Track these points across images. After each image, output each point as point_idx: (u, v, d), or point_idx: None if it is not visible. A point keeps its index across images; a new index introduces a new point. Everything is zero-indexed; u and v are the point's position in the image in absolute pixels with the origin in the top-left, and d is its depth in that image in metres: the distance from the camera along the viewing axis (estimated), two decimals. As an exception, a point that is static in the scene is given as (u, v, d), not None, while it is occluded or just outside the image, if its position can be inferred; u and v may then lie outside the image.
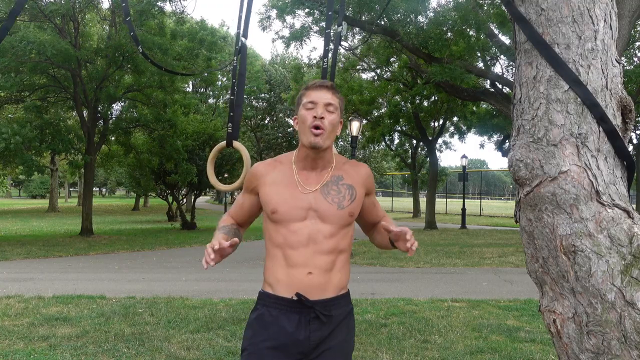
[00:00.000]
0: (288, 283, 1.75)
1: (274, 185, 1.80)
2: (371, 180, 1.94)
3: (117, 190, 66.59)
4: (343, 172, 1.85)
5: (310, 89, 1.80)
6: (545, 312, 1.66)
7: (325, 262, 1.76)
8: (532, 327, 5.21)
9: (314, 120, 1.73)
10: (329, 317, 1.77)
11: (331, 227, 1.77)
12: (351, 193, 1.82)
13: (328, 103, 1.76)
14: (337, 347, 1.79)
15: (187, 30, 18.84)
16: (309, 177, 1.81)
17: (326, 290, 1.78)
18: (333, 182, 1.82)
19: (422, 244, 14.28)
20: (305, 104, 1.77)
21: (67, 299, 6.31)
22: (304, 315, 1.75)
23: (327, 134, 1.75)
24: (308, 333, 1.74)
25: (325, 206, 1.77)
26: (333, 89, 1.80)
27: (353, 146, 12.32)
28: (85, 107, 16.07)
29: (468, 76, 13.19)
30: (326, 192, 1.79)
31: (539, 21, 1.66)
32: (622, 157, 1.62)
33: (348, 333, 1.86)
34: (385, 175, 43.55)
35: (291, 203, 1.76)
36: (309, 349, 1.75)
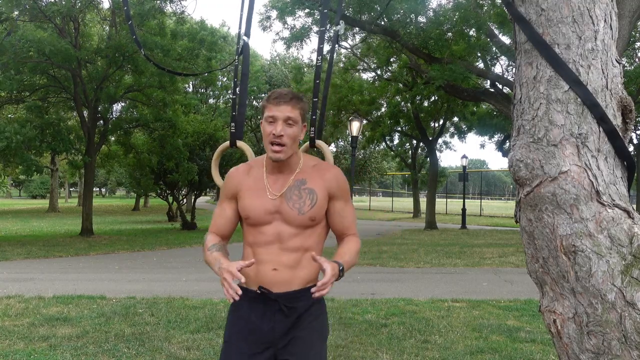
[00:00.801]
0: (255, 278, 1.87)
1: (248, 191, 1.91)
2: (338, 185, 1.93)
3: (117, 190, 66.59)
4: (307, 175, 1.91)
5: (272, 102, 1.86)
6: (545, 312, 1.66)
7: (290, 260, 1.85)
8: (533, 327, 5.21)
9: (273, 137, 1.83)
10: (292, 309, 1.85)
11: (295, 229, 1.86)
12: (312, 198, 1.88)
13: (287, 117, 1.83)
14: (304, 336, 1.86)
15: (187, 30, 18.84)
16: (276, 181, 1.91)
17: (291, 284, 1.86)
18: (296, 186, 1.89)
19: (422, 244, 14.28)
20: (267, 118, 1.86)
21: (68, 299, 6.31)
22: (269, 307, 1.86)
23: (288, 147, 1.85)
24: (272, 324, 1.85)
25: (288, 211, 1.86)
26: (293, 101, 1.85)
27: (353, 146, 12.33)
28: (85, 107, 16.07)
29: (469, 76, 13.19)
30: (288, 197, 1.87)
31: (539, 21, 1.66)
32: (622, 157, 1.62)
33: (316, 320, 1.90)
34: (385, 176, 43.55)
35: (261, 209, 1.87)
36: (274, 339, 1.85)
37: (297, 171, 1.91)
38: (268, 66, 36.09)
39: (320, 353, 1.90)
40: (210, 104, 32.27)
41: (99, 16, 17.79)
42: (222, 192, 2.01)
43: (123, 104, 18.76)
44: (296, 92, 1.93)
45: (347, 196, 1.97)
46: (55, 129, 14.55)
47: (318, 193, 1.88)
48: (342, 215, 1.95)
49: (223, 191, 1.99)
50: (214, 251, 1.88)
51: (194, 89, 31.19)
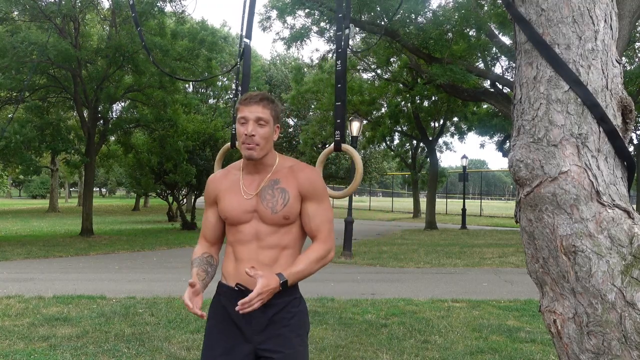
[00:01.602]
0: (234, 275, 1.94)
1: (226, 193, 1.98)
2: (310, 185, 1.94)
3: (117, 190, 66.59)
4: (281, 175, 1.95)
5: (242, 103, 1.92)
6: (545, 313, 1.66)
7: (268, 257, 1.91)
8: (533, 327, 5.21)
9: (245, 137, 1.88)
10: (268, 306, 1.85)
11: (271, 227, 1.92)
12: (284, 197, 1.92)
13: (258, 118, 1.88)
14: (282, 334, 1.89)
15: (187, 30, 18.84)
16: (252, 182, 1.97)
17: None
18: (269, 186, 1.94)
19: (422, 244, 14.28)
20: (239, 119, 1.91)
21: (67, 299, 6.31)
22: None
23: (261, 147, 1.90)
24: (250, 319, 1.88)
25: (262, 210, 1.91)
26: (264, 101, 1.90)
27: (353, 146, 12.32)
28: (85, 107, 16.07)
29: (470, 76, 13.18)
30: (263, 197, 1.93)
31: (539, 21, 1.66)
32: (622, 157, 1.62)
33: (292, 318, 1.91)
34: (385, 176, 43.54)
35: (238, 209, 1.94)
36: (251, 335, 1.89)
37: (272, 171, 1.96)
38: (268, 66, 36.09)
39: (300, 351, 1.91)
40: (210, 104, 32.26)
41: (99, 16, 17.79)
42: (205, 200, 2.09)
43: (123, 104, 18.75)
44: (268, 94, 1.96)
45: (320, 198, 1.96)
46: (54, 129, 14.54)
47: (290, 192, 1.92)
48: (312, 216, 1.94)
49: (205, 198, 2.08)
50: (194, 267, 1.97)
51: (194, 89, 31.19)
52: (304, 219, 1.95)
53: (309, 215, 1.95)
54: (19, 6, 13.72)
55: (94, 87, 15.25)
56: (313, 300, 6.35)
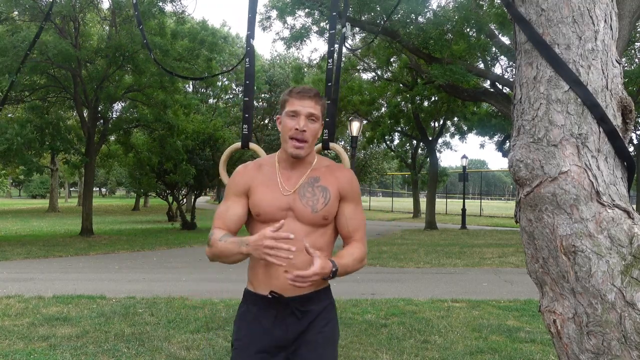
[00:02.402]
0: (266, 281, 1.81)
1: (260, 187, 1.85)
2: (350, 187, 1.89)
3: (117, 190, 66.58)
4: (321, 174, 1.87)
5: (295, 97, 1.81)
6: (545, 313, 1.66)
7: (301, 261, 1.76)
8: (532, 327, 5.21)
9: (296, 132, 1.78)
10: (305, 312, 1.80)
11: (307, 227, 1.81)
12: (325, 196, 1.83)
13: (310, 113, 1.80)
14: (316, 340, 1.82)
15: (187, 30, 18.83)
16: (290, 177, 1.86)
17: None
18: (309, 183, 1.85)
19: (422, 244, 14.28)
20: (289, 112, 1.81)
21: (67, 299, 6.31)
22: (280, 311, 1.81)
23: (309, 144, 1.82)
24: (285, 328, 1.80)
25: (301, 208, 1.81)
26: (316, 97, 1.82)
27: (353, 146, 12.33)
28: (85, 107, 16.07)
29: (470, 76, 13.19)
30: (302, 194, 1.82)
31: (539, 21, 1.66)
32: (622, 157, 1.62)
33: (327, 325, 1.85)
34: (385, 176, 43.55)
35: (273, 205, 1.81)
36: (287, 343, 1.80)
37: (311, 169, 1.88)
38: (268, 66, 36.08)
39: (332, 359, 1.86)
40: (210, 104, 32.26)
41: (99, 16, 17.78)
42: (229, 189, 1.91)
43: (123, 104, 18.75)
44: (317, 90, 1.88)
45: (357, 200, 1.93)
46: (54, 129, 14.54)
47: (331, 191, 1.84)
48: (350, 217, 1.89)
49: (231, 188, 1.90)
50: (227, 239, 1.75)
51: (194, 89, 31.19)
52: (341, 220, 1.88)
53: (347, 217, 1.88)
54: (19, 7, 13.72)
55: (94, 87, 15.25)
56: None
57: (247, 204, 1.87)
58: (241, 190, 1.87)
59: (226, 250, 1.74)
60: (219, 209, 1.91)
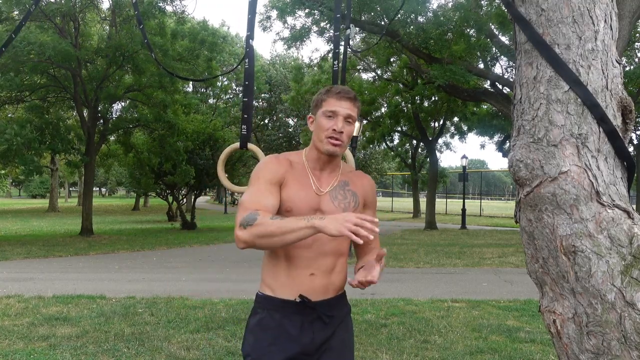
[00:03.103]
0: (290, 285, 1.74)
1: (295, 182, 1.77)
2: (372, 194, 1.91)
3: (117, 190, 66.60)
4: (349, 178, 1.87)
5: (334, 97, 1.77)
6: (545, 313, 1.66)
7: (327, 264, 1.76)
8: (532, 327, 5.21)
9: (333, 132, 1.74)
10: (331, 317, 1.78)
11: None
12: (355, 200, 1.83)
13: (348, 115, 1.76)
14: (338, 347, 1.79)
15: (187, 30, 18.83)
16: (320, 178, 1.82)
17: (327, 291, 1.78)
18: (340, 186, 1.83)
19: (422, 244, 14.28)
20: (326, 112, 1.76)
21: (67, 299, 6.31)
22: (307, 317, 1.75)
23: (344, 145, 1.79)
24: (312, 334, 1.74)
25: (332, 209, 1.76)
26: (354, 100, 1.79)
27: (353, 146, 12.30)
28: (85, 107, 16.07)
29: (470, 76, 13.19)
30: (334, 196, 1.80)
31: (539, 22, 1.66)
32: (622, 157, 1.62)
33: (347, 332, 1.86)
34: (385, 176, 43.54)
35: (306, 203, 1.75)
36: (312, 350, 1.75)
37: (340, 172, 1.86)
38: (268, 66, 36.10)
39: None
40: (210, 103, 32.27)
41: (99, 16, 17.79)
42: (262, 175, 1.74)
43: (123, 104, 18.76)
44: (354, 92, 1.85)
45: (375, 208, 1.94)
46: (54, 129, 14.54)
47: (360, 198, 1.84)
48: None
49: (265, 174, 1.74)
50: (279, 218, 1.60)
51: (194, 89, 31.21)
52: None
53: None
54: (19, 6, 13.72)
55: (94, 86, 15.25)
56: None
57: (279, 194, 1.74)
58: (277, 179, 1.74)
59: (285, 227, 1.55)
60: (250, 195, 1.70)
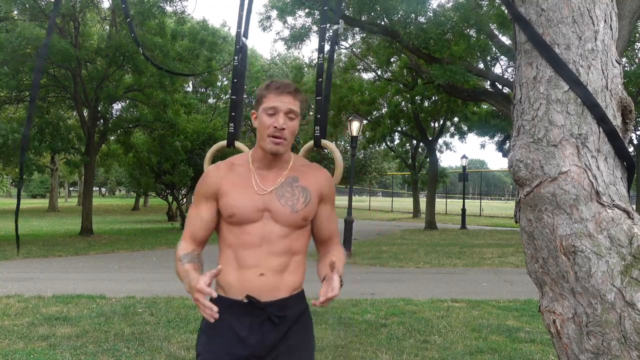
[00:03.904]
0: (239, 285, 1.71)
1: (233, 187, 1.75)
2: (329, 187, 1.85)
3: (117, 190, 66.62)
4: (299, 173, 1.80)
5: (273, 92, 1.72)
6: (545, 313, 1.66)
7: (278, 263, 1.72)
8: (532, 327, 5.21)
9: (274, 130, 1.70)
10: (282, 318, 1.73)
11: (285, 229, 1.73)
12: (305, 196, 1.76)
13: (289, 110, 1.71)
14: (294, 347, 1.75)
15: (187, 30, 18.84)
16: (266, 177, 1.77)
17: (279, 291, 1.73)
18: (288, 183, 1.77)
19: (422, 244, 14.28)
20: (266, 109, 1.72)
21: (67, 299, 6.31)
22: (256, 318, 1.71)
23: (288, 142, 1.74)
24: (261, 336, 1.70)
25: (279, 208, 1.73)
26: (295, 93, 1.74)
27: (353, 146, 12.32)
28: (85, 107, 16.08)
29: (470, 76, 13.18)
30: (280, 194, 1.75)
31: (539, 22, 1.66)
32: (622, 157, 1.62)
33: (305, 332, 1.80)
34: (385, 176, 43.55)
35: (248, 205, 1.72)
36: (263, 352, 1.71)
37: (288, 168, 1.80)
38: (268, 66, 36.07)
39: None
40: (210, 103, 32.25)
41: (99, 16, 17.79)
42: (198, 192, 1.81)
43: (123, 104, 18.76)
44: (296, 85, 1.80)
45: (333, 201, 1.89)
46: (54, 128, 14.55)
47: (311, 192, 1.78)
48: (330, 219, 1.85)
49: (200, 191, 1.80)
50: (185, 263, 1.70)
51: (193, 89, 31.19)
52: (321, 222, 1.84)
53: (328, 218, 1.85)
54: (19, 5, 13.72)
55: (94, 86, 15.25)
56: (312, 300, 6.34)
57: (216, 208, 1.78)
58: (210, 194, 1.77)
59: (180, 277, 1.71)
60: (189, 214, 1.84)
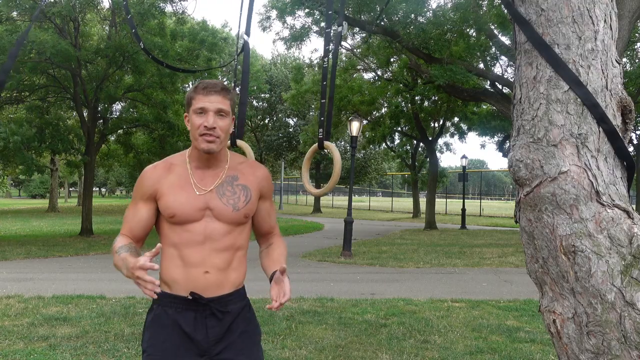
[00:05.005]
0: (185, 282, 1.75)
1: (171, 188, 1.78)
2: (268, 184, 1.91)
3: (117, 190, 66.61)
4: (238, 172, 1.85)
5: (200, 93, 1.74)
6: (545, 313, 1.66)
7: (222, 260, 1.76)
8: (532, 327, 5.21)
9: (205, 129, 1.72)
10: (225, 313, 1.77)
11: (227, 226, 1.78)
12: (246, 194, 1.82)
13: (218, 109, 1.73)
14: (238, 341, 1.79)
15: (187, 30, 18.83)
16: (204, 177, 1.80)
17: (222, 287, 1.78)
18: (228, 182, 1.81)
19: (422, 244, 14.28)
20: (196, 110, 1.74)
21: (67, 299, 6.31)
22: (200, 313, 1.75)
23: (221, 140, 1.76)
24: (205, 330, 1.75)
25: (221, 207, 1.77)
26: (223, 92, 1.76)
27: (353, 146, 12.32)
28: (85, 107, 16.08)
29: (470, 76, 13.18)
30: (221, 193, 1.79)
31: (539, 22, 1.66)
32: (622, 157, 1.62)
33: (248, 325, 1.85)
34: (385, 176, 43.57)
35: (188, 205, 1.75)
36: (208, 346, 1.75)
37: (226, 167, 1.84)
38: (269, 66, 36.10)
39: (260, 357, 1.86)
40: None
41: (99, 16, 17.79)
42: (136, 192, 1.83)
43: (123, 104, 18.76)
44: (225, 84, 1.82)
45: (271, 196, 1.96)
46: (54, 129, 14.55)
47: (252, 191, 1.83)
48: (270, 214, 1.94)
49: (137, 191, 1.82)
50: (122, 253, 1.71)
51: (193, 89, 31.17)
52: (262, 217, 1.91)
53: (268, 213, 1.92)
54: (19, 8, 13.72)
55: (93, 87, 15.25)
56: (312, 300, 6.35)
57: (154, 208, 1.81)
58: (148, 194, 1.80)
59: (116, 265, 1.72)
60: (126, 213, 1.85)
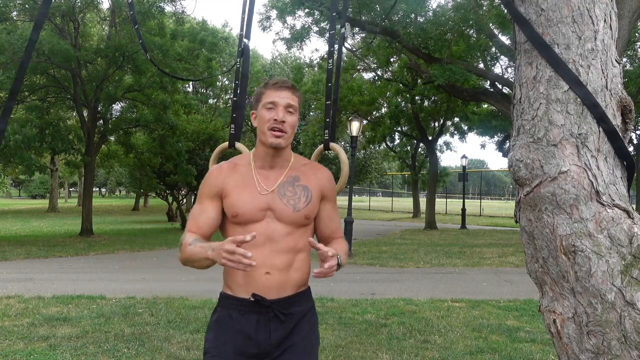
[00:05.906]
0: (246, 284, 1.75)
1: (235, 187, 1.79)
2: (330, 185, 1.88)
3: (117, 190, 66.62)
4: (300, 173, 1.84)
5: (271, 88, 1.78)
6: (545, 312, 1.66)
7: (283, 261, 1.75)
8: (532, 327, 5.21)
9: (274, 122, 1.74)
10: (289, 315, 1.77)
11: (288, 227, 1.76)
12: (307, 195, 1.80)
13: (288, 104, 1.76)
14: (299, 344, 1.78)
15: (187, 30, 18.83)
16: (268, 176, 1.81)
17: (285, 288, 1.77)
18: (289, 182, 1.81)
19: (422, 244, 14.28)
20: (266, 104, 1.76)
21: (67, 299, 6.31)
22: (263, 315, 1.75)
23: (288, 136, 1.77)
24: (268, 333, 1.74)
25: (281, 207, 1.76)
26: (293, 89, 1.80)
27: (353, 146, 12.32)
28: (85, 107, 16.08)
29: (470, 76, 13.18)
30: (282, 193, 1.78)
31: (539, 21, 1.66)
32: (622, 157, 1.62)
33: (310, 329, 1.84)
34: (385, 176, 43.57)
35: (250, 205, 1.75)
36: (270, 349, 1.75)
37: (289, 167, 1.83)
38: (269, 66, 36.07)
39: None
40: (210, 104, 32.25)
41: (99, 16, 17.78)
42: (202, 191, 1.84)
43: (123, 104, 18.76)
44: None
45: (335, 199, 1.93)
46: (54, 129, 14.55)
47: (312, 191, 1.81)
48: (331, 217, 1.90)
49: (204, 189, 1.84)
50: (197, 244, 1.70)
51: (193, 90, 31.19)
52: (324, 220, 1.88)
53: (330, 217, 1.89)
54: (18, 8, 13.72)
55: (93, 87, 15.25)
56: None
57: (220, 206, 1.81)
58: (214, 193, 1.81)
59: (194, 255, 1.69)
60: (193, 211, 1.85)
